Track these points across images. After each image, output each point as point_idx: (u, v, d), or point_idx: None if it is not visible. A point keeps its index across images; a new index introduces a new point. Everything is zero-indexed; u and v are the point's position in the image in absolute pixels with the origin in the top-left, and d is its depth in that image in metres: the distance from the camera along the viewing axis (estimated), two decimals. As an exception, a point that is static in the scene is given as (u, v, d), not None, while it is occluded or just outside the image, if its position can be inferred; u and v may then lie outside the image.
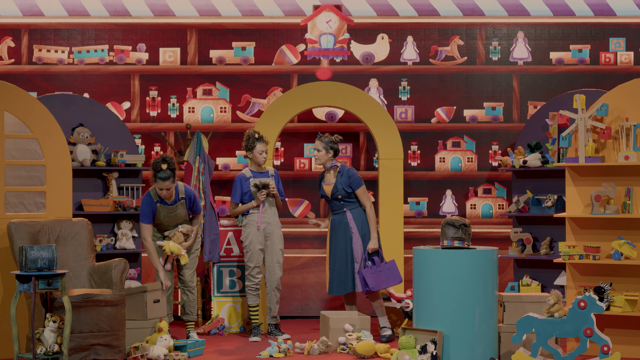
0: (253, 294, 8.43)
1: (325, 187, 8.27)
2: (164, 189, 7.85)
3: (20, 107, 7.74)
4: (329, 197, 8.24)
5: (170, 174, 7.83)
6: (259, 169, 8.46)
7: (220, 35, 9.84)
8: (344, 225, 8.20)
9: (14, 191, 7.70)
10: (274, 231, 8.45)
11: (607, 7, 9.79)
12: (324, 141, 8.25)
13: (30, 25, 9.74)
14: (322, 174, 8.36)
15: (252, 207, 8.39)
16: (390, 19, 9.87)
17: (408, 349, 7.07)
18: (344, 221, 8.21)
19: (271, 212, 8.45)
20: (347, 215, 8.21)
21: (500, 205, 9.81)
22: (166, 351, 7.36)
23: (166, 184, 7.83)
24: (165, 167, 7.82)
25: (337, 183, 8.20)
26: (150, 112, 9.81)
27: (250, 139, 8.39)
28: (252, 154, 8.41)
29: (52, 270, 6.54)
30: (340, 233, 8.21)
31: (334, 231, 8.26)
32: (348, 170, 8.23)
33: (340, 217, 8.23)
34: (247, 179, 8.41)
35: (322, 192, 8.31)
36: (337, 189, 8.19)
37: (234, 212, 8.51)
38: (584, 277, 7.61)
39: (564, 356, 6.78)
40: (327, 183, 8.28)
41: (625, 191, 7.47)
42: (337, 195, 8.19)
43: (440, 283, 7.00)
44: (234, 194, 8.44)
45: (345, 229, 8.19)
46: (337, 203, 8.23)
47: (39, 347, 6.58)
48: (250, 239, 8.39)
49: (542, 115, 9.21)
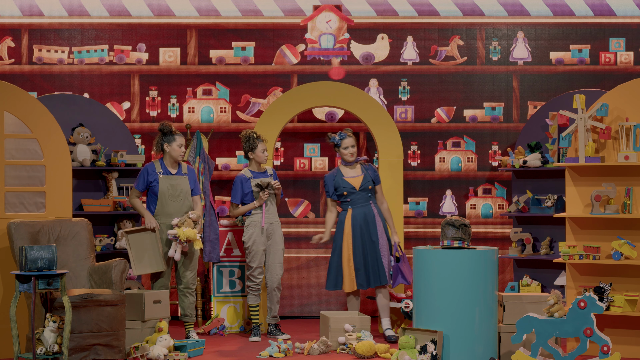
0: (254, 294, 8.43)
1: (350, 180, 8.19)
2: (183, 145, 8.13)
3: (20, 107, 7.74)
4: (356, 189, 8.17)
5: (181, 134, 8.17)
6: (258, 168, 8.46)
7: (220, 35, 9.84)
8: (371, 218, 8.15)
9: (14, 191, 7.70)
10: (276, 231, 8.46)
11: (607, 7, 9.79)
12: (353, 136, 8.25)
13: (30, 25, 9.74)
14: (336, 170, 8.30)
15: (254, 208, 8.39)
16: (390, 19, 9.87)
17: (408, 349, 7.07)
18: (371, 214, 8.16)
19: (273, 212, 8.45)
20: (372, 208, 8.18)
21: (500, 205, 9.81)
22: (166, 351, 7.36)
23: (182, 139, 8.13)
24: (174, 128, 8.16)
25: (366, 175, 8.18)
26: (150, 112, 9.82)
27: (251, 139, 8.39)
28: (254, 154, 8.41)
29: (52, 270, 6.54)
30: (366, 227, 8.15)
31: (356, 225, 8.17)
32: (371, 164, 8.28)
33: (365, 209, 8.16)
34: (248, 179, 8.41)
35: (345, 186, 8.19)
36: (367, 180, 8.17)
37: (235, 213, 8.50)
38: (584, 277, 7.61)
39: (564, 356, 6.78)
40: (352, 176, 8.22)
41: (625, 191, 7.47)
42: (367, 186, 8.16)
43: (440, 283, 7.00)
44: (234, 195, 8.43)
45: (371, 222, 8.14)
46: (363, 195, 8.17)
47: (39, 347, 6.58)
48: (254, 239, 8.39)
49: (542, 115, 9.22)
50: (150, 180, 8.08)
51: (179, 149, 8.11)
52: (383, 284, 8.15)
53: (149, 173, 8.09)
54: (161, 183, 8.06)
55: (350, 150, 8.22)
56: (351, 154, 8.22)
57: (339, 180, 8.24)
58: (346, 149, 8.23)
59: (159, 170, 8.09)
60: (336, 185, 8.24)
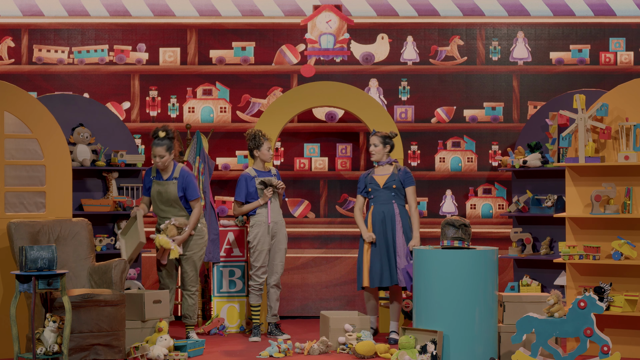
0: (256, 293, 8.43)
1: (377, 178, 8.21)
2: (157, 155, 7.96)
3: (20, 107, 7.74)
4: (380, 186, 8.17)
5: (166, 142, 7.96)
6: (262, 167, 8.47)
7: (220, 35, 9.84)
8: (389, 217, 8.13)
9: (14, 191, 7.70)
10: (280, 230, 8.47)
11: (607, 7, 9.78)
12: (380, 136, 8.25)
13: (30, 25, 9.74)
14: (371, 170, 8.31)
15: (258, 206, 8.39)
16: (390, 19, 9.87)
17: (408, 349, 7.07)
18: (390, 213, 8.14)
19: (277, 211, 8.46)
20: (394, 207, 8.17)
21: (500, 205, 9.81)
22: (166, 351, 7.36)
23: (159, 150, 7.94)
24: (162, 134, 7.97)
25: (393, 175, 8.19)
26: (150, 112, 9.81)
27: (257, 137, 8.40)
28: (259, 152, 8.42)
29: (52, 270, 6.54)
30: (383, 224, 8.13)
31: (376, 222, 8.17)
32: (406, 168, 8.27)
33: (387, 208, 8.16)
34: (252, 178, 8.41)
35: (371, 182, 8.21)
36: (393, 179, 8.17)
37: (239, 212, 8.50)
38: (584, 277, 7.61)
39: (564, 356, 6.78)
40: (380, 174, 8.24)
41: (625, 191, 7.47)
42: (391, 184, 8.16)
43: (440, 283, 7.00)
44: (238, 193, 8.43)
45: (390, 221, 8.13)
46: (387, 193, 8.17)
47: (39, 347, 6.58)
48: (259, 239, 8.39)
49: (542, 115, 9.21)
50: (148, 186, 8.13)
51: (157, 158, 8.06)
52: (394, 283, 8.11)
53: (146, 179, 8.17)
54: (153, 188, 8.10)
55: (371, 149, 8.26)
56: (371, 152, 8.27)
57: (369, 179, 8.28)
58: (370, 147, 8.30)
59: (153, 175, 8.12)
60: (366, 182, 8.29)
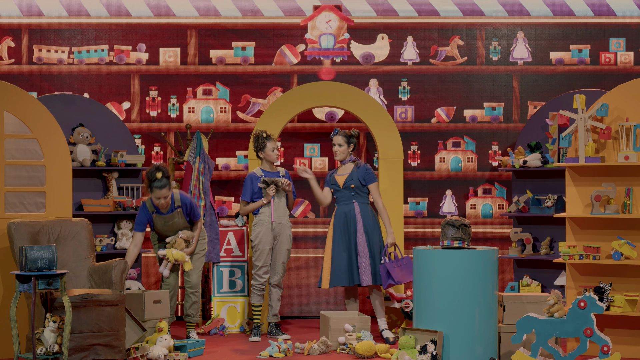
0: (258, 293, 8.43)
1: (337, 178, 8.22)
2: (161, 197, 7.87)
3: (20, 107, 7.74)
4: (340, 186, 8.18)
5: (166, 182, 7.84)
6: (271, 168, 8.45)
7: (220, 35, 9.84)
8: (351, 217, 8.14)
9: (14, 191, 7.70)
10: (284, 232, 8.44)
11: (607, 7, 9.79)
12: (344, 135, 8.23)
13: (30, 25, 9.74)
14: (335, 170, 8.32)
15: (262, 205, 8.38)
16: (390, 19, 9.87)
17: (408, 349, 7.07)
18: (351, 213, 8.15)
19: (282, 211, 8.43)
20: (354, 206, 8.17)
21: (500, 205, 9.81)
22: (166, 351, 7.36)
23: (162, 192, 7.84)
24: (160, 175, 7.82)
25: (352, 173, 8.17)
26: (150, 112, 9.82)
27: (260, 138, 8.39)
28: (264, 153, 8.41)
29: (52, 270, 6.54)
30: (345, 224, 8.16)
31: (338, 222, 8.20)
32: (365, 165, 8.24)
33: (347, 207, 8.17)
34: (258, 177, 8.41)
35: (333, 183, 8.23)
36: (352, 178, 8.15)
37: (244, 210, 8.51)
38: (584, 277, 7.61)
39: (564, 356, 6.78)
40: (341, 174, 8.24)
41: (625, 191, 7.47)
42: (349, 184, 8.15)
43: (440, 283, 7.00)
44: (244, 192, 8.43)
45: (351, 221, 8.13)
46: (346, 193, 8.18)
47: (39, 347, 6.58)
48: (260, 238, 8.39)
49: (542, 115, 9.21)
50: (145, 221, 8.05)
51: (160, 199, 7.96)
52: (352, 284, 8.14)
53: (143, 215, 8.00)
54: (156, 222, 8.05)
55: (335, 149, 8.25)
56: (334, 152, 8.25)
57: (332, 178, 8.31)
58: (333, 146, 8.28)
59: (152, 211, 8.05)
60: (330, 182, 8.31)
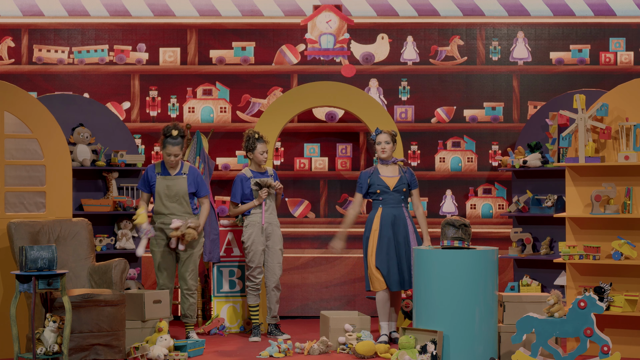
0: (253, 294, 8.44)
1: (386, 179, 7.99)
2: (172, 154, 8.00)
3: (20, 107, 7.74)
4: (389, 189, 7.98)
5: (180, 140, 8.02)
6: (258, 169, 8.46)
7: (220, 35, 9.84)
8: (401, 221, 7.97)
9: (14, 191, 7.70)
10: (274, 231, 8.45)
11: (607, 7, 9.79)
12: (389, 134, 8.08)
13: (30, 25, 9.74)
14: (375, 170, 8.09)
15: (253, 207, 8.38)
16: (390, 19, 9.87)
17: (408, 349, 7.07)
18: (401, 217, 7.97)
19: (272, 212, 8.45)
20: (403, 211, 8.01)
21: (500, 205, 9.81)
22: (166, 351, 7.36)
23: (174, 149, 7.99)
24: (175, 133, 8.00)
25: (402, 177, 8.03)
26: (150, 112, 9.82)
27: (251, 139, 8.39)
28: (252, 155, 8.41)
29: (52, 270, 6.54)
30: (392, 228, 7.95)
31: (385, 225, 7.95)
32: (409, 169, 8.15)
33: (397, 211, 7.97)
34: (248, 179, 8.41)
35: (379, 184, 8.00)
36: (403, 182, 8.01)
37: (234, 212, 8.50)
38: (584, 277, 7.61)
39: (564, 356, 6.78)
40: (388, 175, 8.03)
41: (625, 191, 7.47)
42: (401, 187, 7.99)
43: (440, 283, 7.00)
44: (234, 194, 8.43)
45: (401, 225, 7.96)
46: (397, 196, 7.99)
47: (39, 347, 6.58)
48: (252, 239, 8.39)
49: (542, 115, 9.22)
50: (151, 183, 8.10)
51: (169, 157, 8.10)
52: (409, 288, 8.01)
53: (149, 175, 8.11)
54: (158, 183, 8.08)
55: (383, 146, 8.03)
56: (382, 150, 8.03)
57: (375, 178, 8.06)
58: (379, 145, 8.06)
59: (158, 171, 8.11)
60: (371, 182, 8.06)
